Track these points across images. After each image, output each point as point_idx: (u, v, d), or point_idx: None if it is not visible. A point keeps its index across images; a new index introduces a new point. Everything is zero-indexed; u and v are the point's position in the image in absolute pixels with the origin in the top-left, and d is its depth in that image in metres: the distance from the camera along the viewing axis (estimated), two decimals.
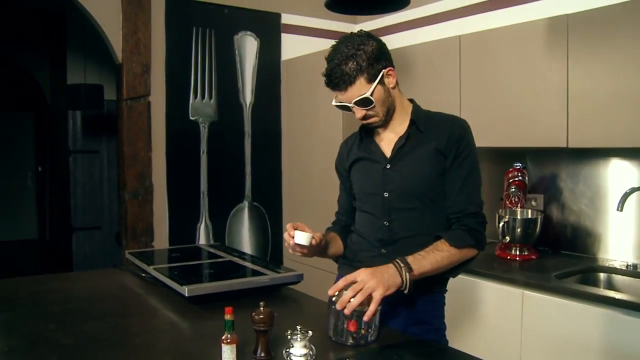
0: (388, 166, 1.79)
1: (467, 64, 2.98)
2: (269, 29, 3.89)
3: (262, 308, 1.39)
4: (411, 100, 1.87)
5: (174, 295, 2.03)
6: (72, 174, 6.72)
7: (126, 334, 1.69)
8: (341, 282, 1.57)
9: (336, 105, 1.78)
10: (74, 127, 6.60)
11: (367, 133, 1.88)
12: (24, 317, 1.82)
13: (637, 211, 2.69)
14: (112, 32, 3.35)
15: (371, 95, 1.69)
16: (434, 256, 1.65)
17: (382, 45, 1.75)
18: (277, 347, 1.46)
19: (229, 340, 1.34)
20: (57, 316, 1.83)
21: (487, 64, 2.89)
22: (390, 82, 1.75)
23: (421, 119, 1.79)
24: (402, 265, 1.59)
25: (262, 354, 1.40)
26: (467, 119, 1.85)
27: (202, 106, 3.64)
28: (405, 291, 1.59)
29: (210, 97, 3.67)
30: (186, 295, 1.86)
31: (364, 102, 1.70)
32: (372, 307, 1.51)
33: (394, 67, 1.76)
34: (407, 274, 1.58)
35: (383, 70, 1.71)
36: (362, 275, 1.56)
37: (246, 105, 3.82)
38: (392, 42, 3.68)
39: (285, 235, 1.74)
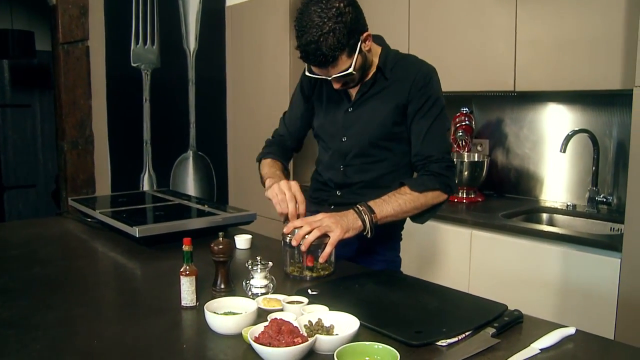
0: (350, 109, 1.75)
1: (416, 9, 2.96)
2: None
3: (221, 238, 1.36)
4: (380, 39, 1.78)
5: (122, 239, 1.97)
6: (2, 130, 6.37)
7: (75, 275, 1.62)
8: (298, 222, 1.55)
9: (311, 76, 1.67)
10: (1, 79, 6.23)
11: None
12: None
13: (576, 155, 2.78)
14: None
15: (353, 68, 1.58)
16: (396, 200, 1.61)
17: (357, 7, 1.58)
18: (236, 280, 1.44)
19: (187, 272, 1.29)
20: None
21: (436, 9, 2.87)
22: (366, 45, 1.62)
23: (388, 65, 1.71)
24: (362, 209, 1.57)
25: (222, 286, 1.38)
26: None
27: (144, 52, 3.49)
28: (368, 235, 1.57)
29: (153, 43, 3.52)
30: (137, 235, 1.80)
31: (345, 75, 1.60)
32: (328, 249, 1.51)
33: (367, 27, 1.62)
34: (368, 216, 1.56)
35: (361, 38, 1.58)
36: (321, 215, 1.54)
37: (190, 52, 3.69)
38: None
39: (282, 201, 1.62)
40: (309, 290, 1.37)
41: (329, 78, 1.61)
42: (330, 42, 1.50)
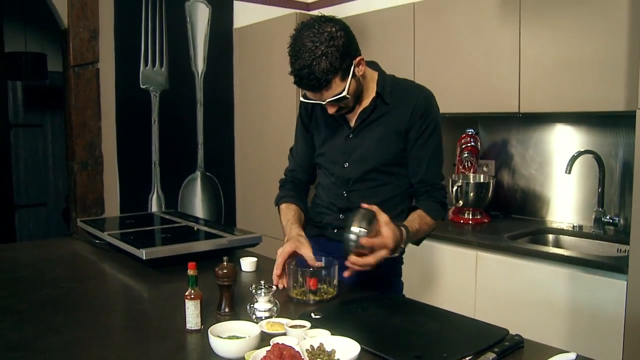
0: (351, 136, 1.76)
1: (421, 32, 2.99)
2: None
3: (225, 263, 1.38)
4: (374, 65, 1.79)
5: (129, 261, 1.99)
6: (14, 149, 6.44)
7: (83, 297, 1.65)
8: (372, 259, 1.47)
9: (306, 102, 1.69)
10: (14, 100, 6.32)
11: None
12: None
13: (582, 176, 2.79)
14: None
15: (347, 92, 1.59)
16: (422, 228, 1.68)
17: (349, 32, 1.60)
18: (240, 305, 1.46)
19: (192, 296, 1.31)
20: (7, 283, 1.76)
21: (440, 31, 2.91)
22: (360, 70, 1.63)
23: (387, 90, 1.73)
24: (405, 238, 1.56)
25: (227, 310, 1.39)
26: None
27: (153, 74, 3.54)
28: (395, 254, 1.55)
29: (162, 65, 3.57)
30: (144, 258, 1.83)
31: (339, 100, 1.61)
32: (372, 261, 1.47)
33: (360, 52, 1.64)
34: (404, 246, 1.59)
35: (354, 62, 1.60)
36: (387, 241, 1.48)
37: (198, 73, 3.74)
38: (346, 9, 3.66)
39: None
40: (312, 314, 1.38)
41: (323, 103, 1.63)
42: (323, 65, 1.52)
